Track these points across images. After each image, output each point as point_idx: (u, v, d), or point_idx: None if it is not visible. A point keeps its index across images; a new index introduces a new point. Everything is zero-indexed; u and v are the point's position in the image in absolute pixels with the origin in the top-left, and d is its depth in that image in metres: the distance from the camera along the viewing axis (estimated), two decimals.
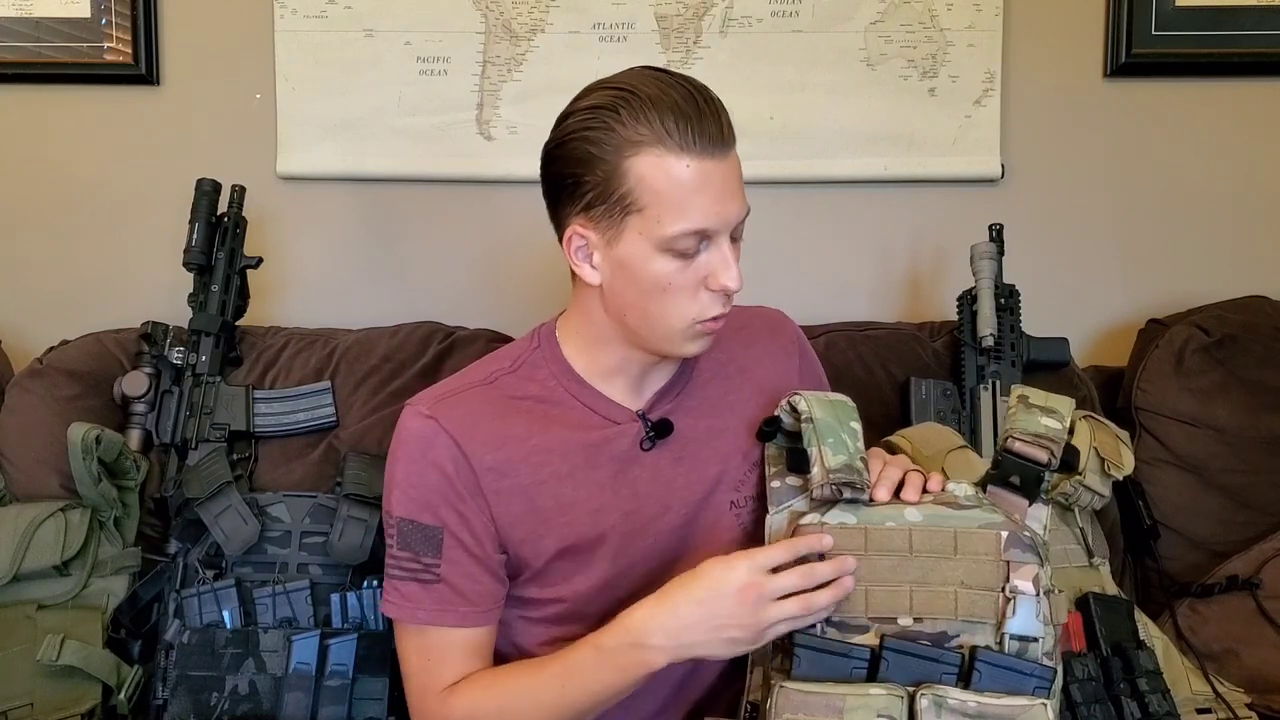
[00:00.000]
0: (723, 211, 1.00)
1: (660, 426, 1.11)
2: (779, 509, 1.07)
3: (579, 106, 1.03)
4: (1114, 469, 1.35)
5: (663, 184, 0.98)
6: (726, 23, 1.76)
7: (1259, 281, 1.75)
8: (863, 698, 0.94)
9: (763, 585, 0.97)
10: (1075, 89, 1.79)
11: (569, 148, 1.02)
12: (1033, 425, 1.05)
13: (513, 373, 1.13)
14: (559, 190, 1.05)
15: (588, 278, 1.06)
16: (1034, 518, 1.04)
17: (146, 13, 1.76)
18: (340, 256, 1.82)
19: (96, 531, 1.40)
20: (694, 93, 1.00)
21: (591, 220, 1.02)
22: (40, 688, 1.30)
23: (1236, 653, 1.41)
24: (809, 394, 1.09)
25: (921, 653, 0.96)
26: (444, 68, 1.77)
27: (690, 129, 0.98)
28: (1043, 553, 1.00)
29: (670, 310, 1.03)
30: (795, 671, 0.97)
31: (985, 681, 0.95)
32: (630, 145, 0.98)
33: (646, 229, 1.00)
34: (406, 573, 1.08)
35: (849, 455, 1.03)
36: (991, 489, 1.05)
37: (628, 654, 1.00)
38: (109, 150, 1.81)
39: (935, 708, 0.94)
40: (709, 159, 0.99)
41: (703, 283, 1.03)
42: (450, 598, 1.07)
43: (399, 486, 1.09)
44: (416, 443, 1.08)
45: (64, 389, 1.51)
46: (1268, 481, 1.55)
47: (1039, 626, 0.97)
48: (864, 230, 1.82)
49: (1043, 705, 0.94)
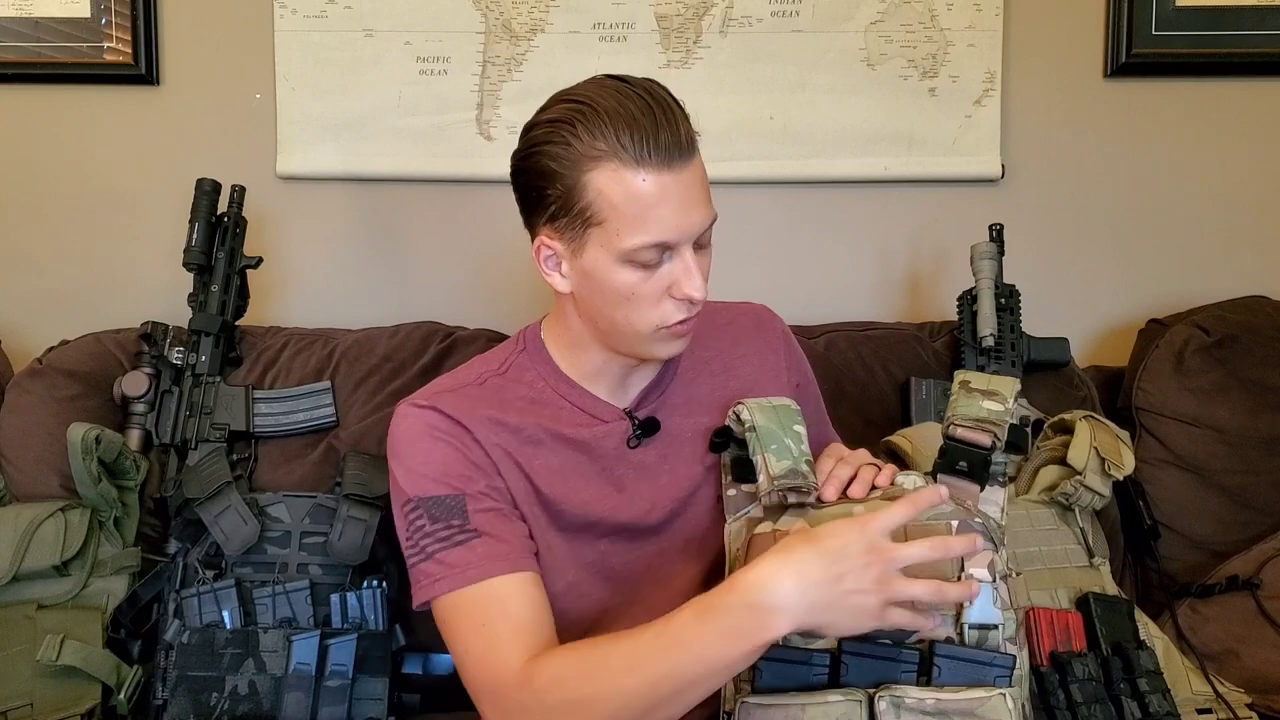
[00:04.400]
0: (682, 224, 1.00)
1: (647, 425, 1.13)
2: (735, 517, 1.09)
3: (540, 119, 1.03)
4: (1114, 469, 1.35)
5: (620, 198, 0.98)
6: (726, 23, 1.76)
7: (1259, 281, 1.75)
8: (821, 705, 0.95)
9: (889, 551, 0.89)
10: (1075, 89, 1.79)
11: (531, 160, 1.03)
12: (973, 410, 1.06)
13: (501, 375, 1.14)
14: (526, 200, 1.06)
15: (558, 286, 1.07)
16: (989, 501, 1.04)
17: (146, 12, 1.76)
18: (340, 256, 1.82)
19: (96, 531, 1.40)
20: (652, 104, 0.99)
21: (557, 231, 1.04)
22: (40, 688, 1.30)
23: (1237, 653, 1.41)
24: (751, 402, 1.10)
25: (880, 653, 0.96)
26: (444, 68, 1.77)
27: (646, 142, 0.97)
28: (996, 537, 1.00)
29: (635, 318, 1.04)
30: (758, 683, 0.97)
31: (945, 676, 0.95)
32: (587, 160, 0.98)
33: (607, 242, 1.00)
34: (443, 542, 1.03)
35: (793, 459, 1.04)
36: (942, 477, 1.05)
37: (745, 616, 0.88)
38: (109, 150, 1.80)
39: (894, 708, 0.94)
40: (667, 172, 0.98)
41: (666, 291, 1.03)
42: (494, 547, 1.03)
43: (410, 472, 1.07)
44: (420, 427, 1.08)
45: (64, 389, 1.51)
46: (1268, 481, 1.55)
47: (997, 613, 0.97)
48: (864, 230, 1.82)
49: (1001, 695, 0.94)
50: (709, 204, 1.03)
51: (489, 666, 0.99)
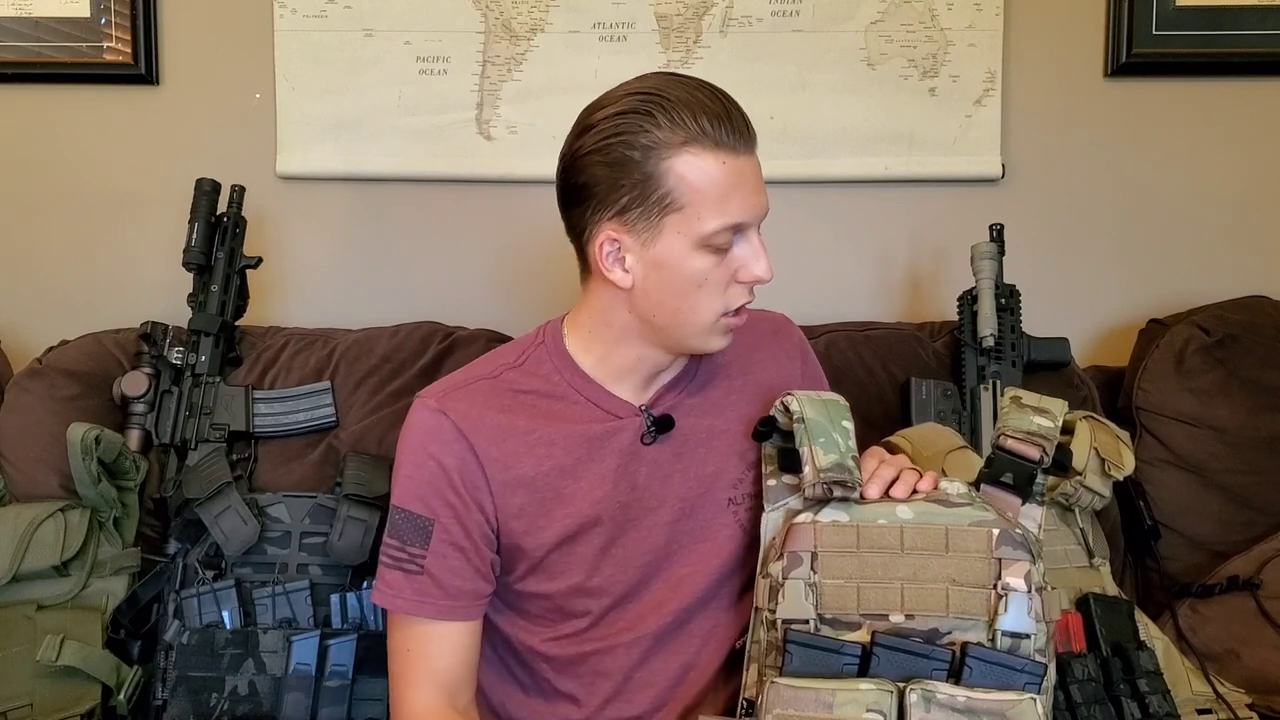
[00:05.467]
0: (756, 204, 1.05)
1: (661, 422, 1.13)
2: (774, 507, 1.09)
3: (605, 114, 1.04)
4: (1114, 469, 1.35)
5: (702, 181, 1.01)
6: (726, 22, 1.76)
7: (1259, 281, 1.75)
8: (852, 693, 0.95)
9: None
10: (1075, 89, 1.79)
11: (602, 154, 1.03)
12: (1025, 424, 1.07)
13: (517, 367, 1.15)
14: (586, 197, 1.05)
15: (619, 281, 1.07)
16: (1028, 516, 1.05)
17: (146, 12, 1.76)
18: (340, 256, 1.82)
19: (96, 532, 1.40)
20: (717, 93, 1.03)
21: (625, 224, 1.04)
22: (40, 688, 1.30)
23: (1237, 653, 1.41)
24: (801, 394, 1.10)
25: (912, 649, 0.96)
26: (444, 67, 1.77)
27: (723, 127, 1.01)
28: (1035, 550, 1.01)
29: (702, 305, 1.06)
30: (787, 668, 0.98)
31: (976, 677, 0.95)
32: (668, 146, 1.01)
33: (686, 227, 1.02)
34: (392, 560, 1.10)
35: (840, 454, 1.04)
36: (985, 488, 1.06)
37: None
38: (109, 150, 1.80)
39: (924, 702, 0.94)
40: (740, 155, 1.03)
41: (733, 276, 1.06)
42: (430, 589, 1.09)
43: (400, 477, 1.12)
44: (421, 435, 1.11)
45: (64, 389, 1.51)
46: (1268, 481, 1.55)
47: (1030, 623, 0.97)
48: (864, 230, 1.82)
49: (1032, 699, 0.94)
50: None
51: (399, 692, 1.11)
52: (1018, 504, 1.05)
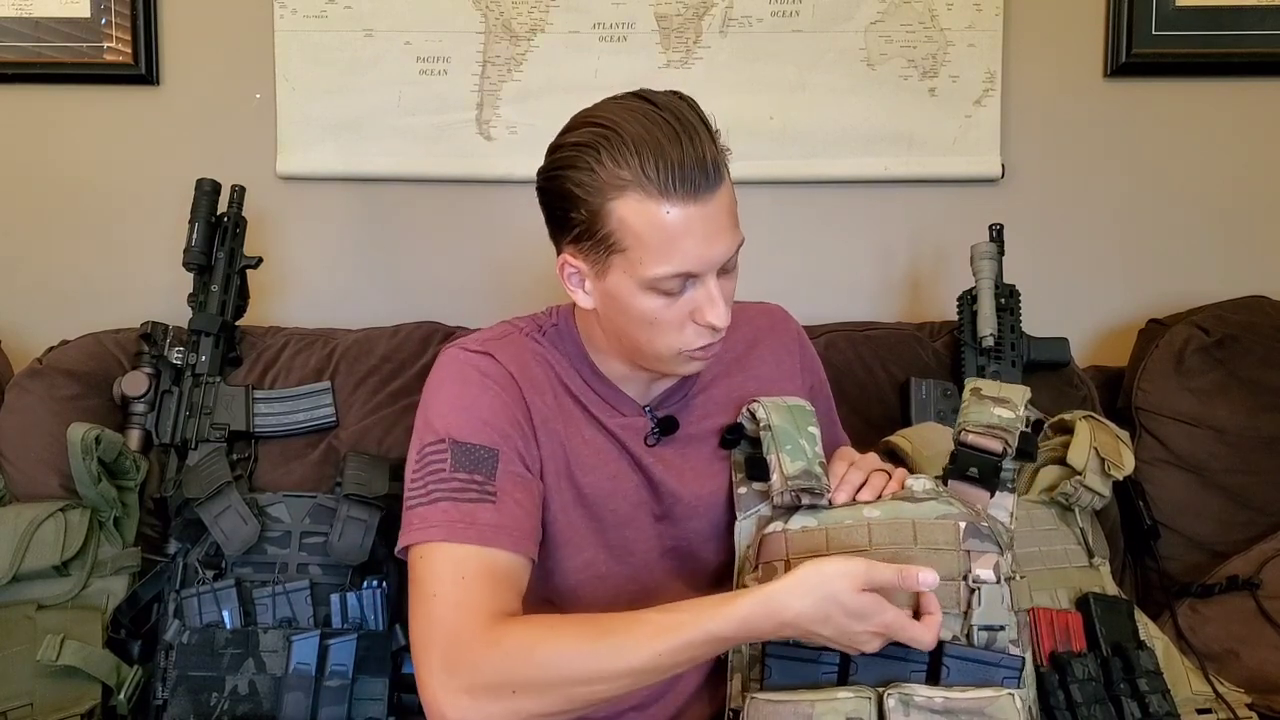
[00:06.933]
0: (706, 254, 0.98)
1: (665, 423, 1.13)
2: (745, 515, 1.09)
3: (566, 140, 1.01)
4: (1114, 469, 1.35)
5: (643, 229, 0.96)
6: (726, 23, 1.76)
7: (1259, 281, 1.75)
8: (831, 702, 0.95)
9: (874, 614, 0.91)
10: (1075, 89, 1.79)
11: (556, 182, 1.01)
12: (985, 416, 1.07)
13: (538, 339, 1.13)
14: (551, 218, 1.05)
15: (581, 303, 1.06)
16: (999, 506, 1.06)
17: (146, 13, 1.76)
18: (340, 256, 1.82)
19: (96, 531, 1.40)
20: (679, 130, 0.95)
21: (580, 252, 1.02)
22: (40, 688, 1.30)
23: (1237, 653, 1.41)
24: (767, 401, 1.10)
25: (889, 653, 0.96)
26: (444, 68, 1.77)
27: (672, 175, 0.94)
28: (1003, 541, 1.01)
29: (657, 341, 1.03)
30: (767, 681, 0.98)
31: (955, 676, 0.96)
32: (611, 188, 0.96)
33: (630, 269, 0.99)
34: (455, 494, 1.01)
35: (807, 461, 1.05)
36: (952, 483, 1.06)
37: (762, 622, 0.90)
38: (109, 150, 1.80)
39: (903, 706, 0.94)
40: (692, 203, 0.95)
41: (689, 316, 1.02)
42: (506, 518, 1.01)
43: (450, 410, 1.05)
44: (473, 370, 1.07)
45: (64, 389, 1.51)
46: (1268, 481, 1.55)
47: (1005, 614, 0.98)
48: (864, 230, 1.82)
49: (1010, 695, 0.95)
50: (735, 229, 1.01)
51: (455, 617, 0.95)
52: (987, 497, 1.05)
